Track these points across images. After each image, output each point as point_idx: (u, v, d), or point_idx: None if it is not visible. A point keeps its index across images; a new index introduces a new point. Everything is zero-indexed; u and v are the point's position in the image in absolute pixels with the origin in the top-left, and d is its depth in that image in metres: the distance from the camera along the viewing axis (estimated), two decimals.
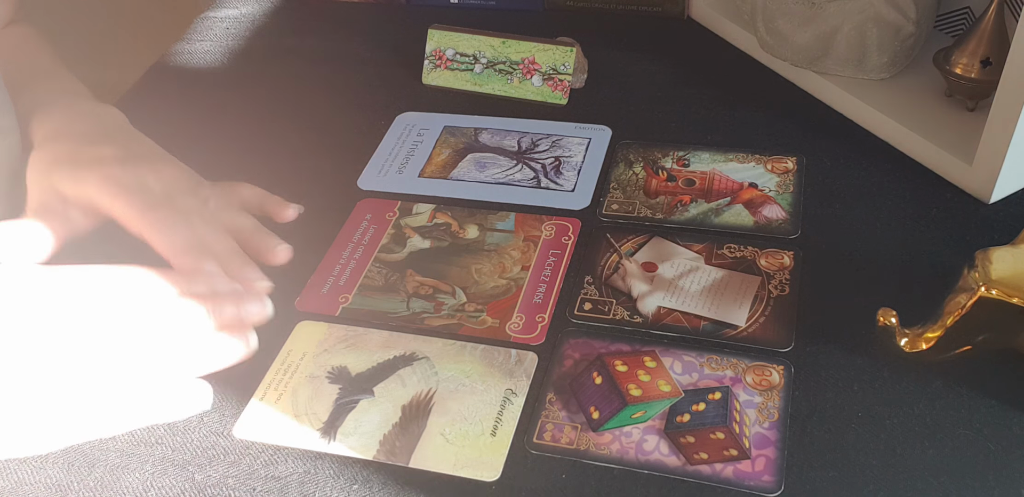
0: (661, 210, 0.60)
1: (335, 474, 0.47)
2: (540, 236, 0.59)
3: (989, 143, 0.56)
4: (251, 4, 0.85)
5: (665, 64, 0.74)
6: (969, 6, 0.67)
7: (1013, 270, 0.47)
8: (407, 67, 0.75)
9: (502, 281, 0.56)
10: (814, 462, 0.46)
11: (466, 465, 0.46)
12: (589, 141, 0.67)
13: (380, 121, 0.70)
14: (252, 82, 0.75)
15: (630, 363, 0.50)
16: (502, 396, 0.49)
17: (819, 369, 0.50)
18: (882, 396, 0.48)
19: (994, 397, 0.48)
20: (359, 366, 0.52)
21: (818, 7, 0.64)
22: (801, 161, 0.63)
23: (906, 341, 0.50)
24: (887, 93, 0.66)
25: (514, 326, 0.53)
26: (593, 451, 0.47)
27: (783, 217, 0.59)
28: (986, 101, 0.60)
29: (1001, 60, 0.55)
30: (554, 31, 0.74)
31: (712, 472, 0.45)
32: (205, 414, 0.50)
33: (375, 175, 0.65)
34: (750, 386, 0.49)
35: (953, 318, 0.48)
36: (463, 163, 0.65)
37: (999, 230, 0.57)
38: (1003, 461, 0.45)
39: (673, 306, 0.54)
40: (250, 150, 0.68)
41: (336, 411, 0.49)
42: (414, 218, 0.61)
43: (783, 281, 0.55)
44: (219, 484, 0.46)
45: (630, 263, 0.57)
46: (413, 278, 0.57)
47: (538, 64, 0.70)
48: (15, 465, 0.48)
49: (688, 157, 0.64)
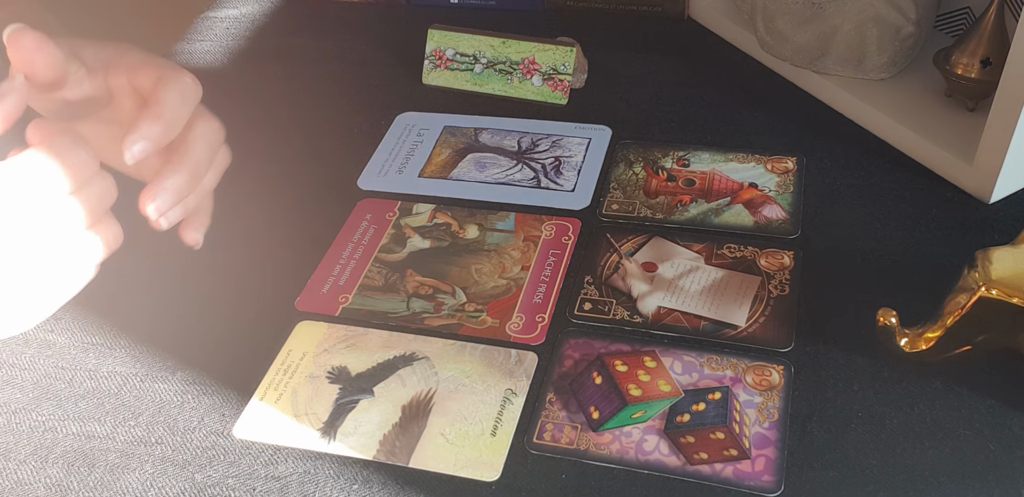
0: (661, 210, 0.60)
1: (335, 474, 0.47)
2: (540, 236, 0.59)
3: (989, 143, 0.56)
4: (251, 4, 0.85)
5: (665, 64, 0.74)
6: (969, 6, 0.67)
7: (1013, 270, 0.47)
8: (407, 67, 0.75)
9: (502, 281, 0.56)
10: (814, 462, 0.46)
11: (466, 465, 0.46)
12: (589, 141, 0.67)
13: (380, 121, 0.70)
14: (252, 82, 0.75)
15: (630, 363, 0.50)
16: (502, 396, 0.49)
17: (819, 369, 0.50)
18: (882, 396, 0.48)
19: (994, 397, 0.48)
20: (359, 366, 0.52)
21: (818, 7, 0.64)
22: (801, 161, 0.63)
23: (906, 341, 0.50)
24: (887, 93, 0.66)
25: (514, 326, 0.53)
26: (593, 451, 0.47)
27: (783, 217, 0.59)
28: (986, 101, 0.60)
29: (1001, 60, 0.55)
30: (554, 31, 0.74)
31: (712, 472, 0.45)
32: (205, 414, 0.50)
33: (375, 175, 0.65)
34: (750, 386, 0.49)
35: (953, 318, 0.48)
36: (463, 163, 0.65)
37: (999, 230, 0.57)
38: (1003, 461, 0.45)
39: (673, 306, 0.54)
40: (250, 150, 0.68)
41: (336, 411, 0.49)
42: (414, 218, 0.61)
43: (783, 281, 0.55)
44: (219, 484, 0.46)
45: (630, 263, 0.57)
46: (413, 278, 0.57)
47: (538, 64, 0.70)
48: (15, 465, 0.48)
49: (688, 157, 0.64)
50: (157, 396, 0.51)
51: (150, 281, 0.58)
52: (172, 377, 0.52)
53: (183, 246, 0.60)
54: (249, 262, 0.59)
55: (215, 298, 0.56)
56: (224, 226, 0.62)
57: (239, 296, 0.56)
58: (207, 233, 0.61)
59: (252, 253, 0.59)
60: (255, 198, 0.63)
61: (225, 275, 0.58)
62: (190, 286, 0.57)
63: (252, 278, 0.57)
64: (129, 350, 0.54)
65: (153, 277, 0.58)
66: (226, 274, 0.58)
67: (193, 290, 0.57)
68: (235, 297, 0.56)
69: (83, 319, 0.55)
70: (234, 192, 0.64)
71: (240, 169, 0.64)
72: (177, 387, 0.51)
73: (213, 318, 0.55)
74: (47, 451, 0.48)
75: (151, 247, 0.60)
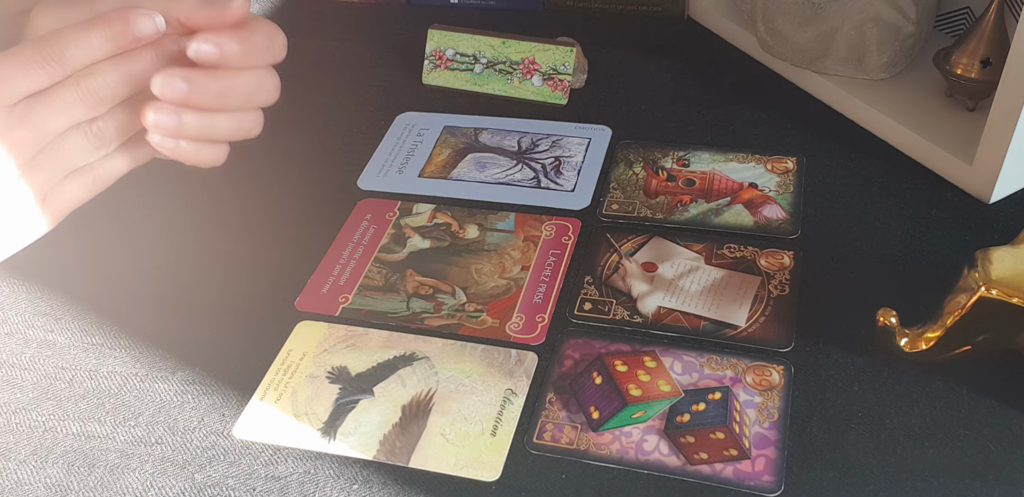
0: (661, 210, 0.60)
1: (335, 474, 0.47)
2: (540, 236, 0.59)
3: (989, 143, 0.56)
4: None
5: (665, 64, 0.74)
6: (969, 6, 0.67)
7: (1013, 270, 0.47)
8: (407, 67, 0.75)
9: (502, 281, 0.56)
10: (814, 462, 0.46)
11: (466, 465, 0.46)
12: (589, 141, 0.67)
13: (380, 121, 0.70)
14: None
15: (630, 363, 0.50)
16: (502, 396, 0.49)
17: (819, 369, 0.50)
18: (882, 396, 0.48)
19: (994, 397, 0.48)
20: (359, 366, 0.52)
21: (818, 7, 0.64)
22: (801, 161, 0.63)
23: (906, 341, 0.50)
24: (887, 93, 0.66)
25: (514, 326, 0.53)
26: (593, 451, 0.47)
27: (783, 217, 0.59)
28: (986, 101, 0.60)
29: (1001, 60, 0.55)
30: (554, 31, 0.74)
31: (712, 472, 0.45)
32: (205, 414, 0.50)
33: (375, 175, 0.65)
34: (750, 386, 0.49)
35: (953, 318, 0.48)
36: (463, 163, 0.65)
37: (999, 230, 0.57)
38: (1003, 461, 0.45)
39: (673, 306, 0.54)
40: (250, 150, 0.68)
41: (336, 411, 0.49)
42: (414, 218, 0.61)
43: (783, 281, 0.55)
44: (219, 484, 0.46)
45: (630, 263, 0.57)
46: (413, 278, 0.57)
47: (538, 64, 0.70)
48: (15, 465, 0.48)
49: (688, 157, 0.64)
50: (157, 396, 0.51)
51: (150, 281, 0.58)
52: (172, 377, 0.52)
53: (183, 246, 0.60)
54: (249, 262, 0.58)
55: (215, 298, 0.56)
56: (224, 226, 0.62)
57: (239, 296, 0.56)
58: (207, 233, 0.61)
59: (252, 253, 0.59)
60: (255, 198, 0.63)
61: (225, 275, 0.58)
62: (190, 286, 0.57)
63: (252, 278, 0.57)
64: (129, 350, 0.53)
65: (153, 277, 0.58)
66: (226, 274, 0.58)
67: (193, 290, 0.57)
68: (235, 297, 0.56)
69: (83, 319, 0.55)
70: (234, 192, 0.64)
71: (240, 169, 0.64)
72: (177, 387, 0.51)
73: (213, 318, 0.55)
74: (47, 451, 0.48)
75: (151, 247, 0.60)
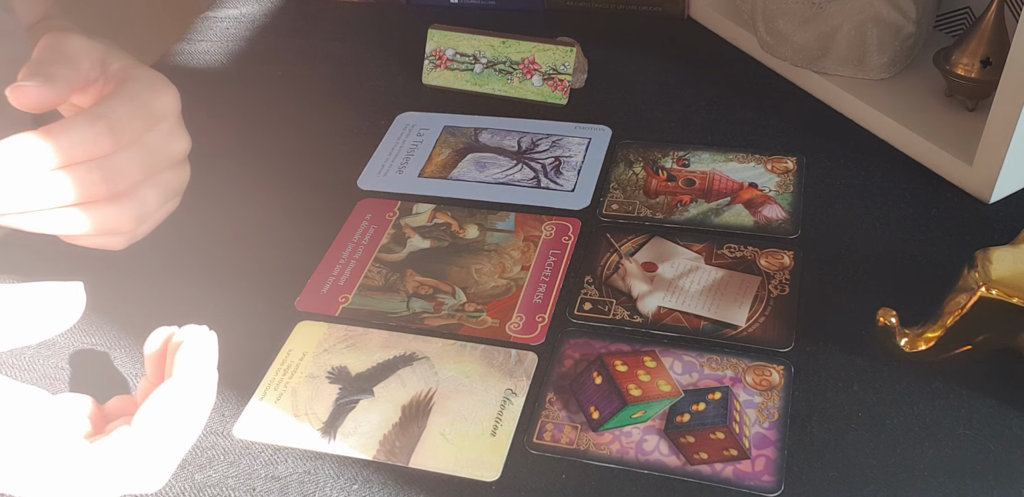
0: (661, 210, 0.60)
1: (335, 474, 0.47)
2: (540, 236, 0.59)
3: (989, 143, 0.56)
4: (251, 4, 0.85)
5: (665, 64, 0.74)
6: (969, 6, 0.67)
7: (1013, 270, 0.47)
8: (407, 67, 0.75)
9: (502, 281, 0.56)
10: (814, 462, 0.46)
11: (466, 465, 0.46)
12: (589, 141, 0.67)
13: (380, 121, 0.70)
14: (252, 82, 0.75)
15: (630, 363, 0.50)
16: (502, 396, 0.49)
17: (819, 369, 0.50)
18: (882, 396, 0.48)
19: (994, 397, 0.48)
20: (359, 366, 0.52)
21: (818, 7, 0.64)
22: (801, 161, 0.63)
23: (906, 341, 0.50)
24: (887, 93, 0.66)
25: (514, 326, 0.53)
26: (593, 451, 0.47)
27: (783, 217, 0.59)
28: (986, 101, 0.60)
29: (1001, 60, 0.55)
30: (554, 31, 0.74)
31: (712, 472, 0.45)
32: None
33: (375, 175, 0.65)
34: (750, 386, 0.49)
35: (953, 318, 0.48)
36: (463, 163, 0.65)
37: (999, 230, 0.57)
38: (1003, 461, 0.45)
39: (673, 306, 0.54)
40: (250, 150, 0.68)
41: (336, 411, 0.49)
42: (414, 218, 0.61)
43: (783, 281, 0.55)
44: (219, 484, 0.46)
45: (630, 263, 0.57)
46: (413, 278, 0.57)
47: (538, 64, 0.70)
48: None
49: (688, 157, 0.64)
50: None
51: (149, 281, 0.58)
52: None
53: (183, 246, 0.60)
54: (249, 262, 0.59)
55: (215, 298, 0.56)
56: (224, 226, 0.62)
57: (239, 296, 0.56)
58: (207, 232, 0.61)
59: (252, 253, 0.59)
60: (255, 198, 0.63)
61: (225, 275, 0.58)
62: (190, 286, 0.57)
63: (252, 278, 0.57)
64: (129, 350, 0.53)
65: (153, 277, 0.58)
66: (226, 274, 0.58)
67: (193, 290, 0.57)
68: (235, 297, 0.56)
69: (83, 319, 0.55)
70: (234, 192, 0.64)
71: (240, 169, 0.64)
72: None
73: (213, 318, 0.55)
74: None
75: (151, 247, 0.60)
